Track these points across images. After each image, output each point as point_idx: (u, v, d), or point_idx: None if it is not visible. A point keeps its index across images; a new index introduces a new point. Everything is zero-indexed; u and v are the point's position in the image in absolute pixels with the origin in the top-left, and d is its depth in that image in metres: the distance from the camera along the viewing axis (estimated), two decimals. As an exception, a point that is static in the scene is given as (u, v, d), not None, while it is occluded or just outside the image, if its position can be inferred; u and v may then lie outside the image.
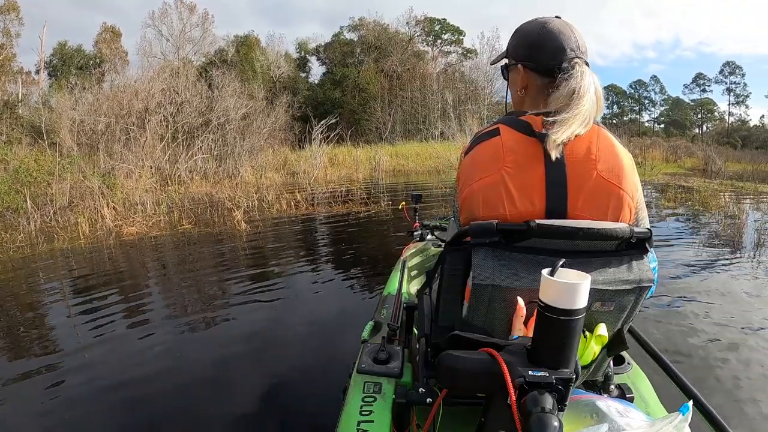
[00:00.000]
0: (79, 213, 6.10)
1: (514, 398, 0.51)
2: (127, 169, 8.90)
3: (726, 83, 38.36)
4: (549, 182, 0.76)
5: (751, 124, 38.00)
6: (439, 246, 2.14)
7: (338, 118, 14.81)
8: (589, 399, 0.67)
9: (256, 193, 8.10)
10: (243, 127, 12.43)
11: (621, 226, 0.74)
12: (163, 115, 11.24)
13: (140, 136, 10.37)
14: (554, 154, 0.74)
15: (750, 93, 38.25)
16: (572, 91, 0.78)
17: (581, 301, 0.51)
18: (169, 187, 8.89)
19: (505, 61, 0.96)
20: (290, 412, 1.89)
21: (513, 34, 0.93)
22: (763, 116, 38.92)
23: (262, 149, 13.08)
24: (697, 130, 37.55)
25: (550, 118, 0.77)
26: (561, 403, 0.52)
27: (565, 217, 0.76)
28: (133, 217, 6.16)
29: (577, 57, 0.83)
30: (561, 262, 0.54)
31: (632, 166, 0.81)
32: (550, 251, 0.75)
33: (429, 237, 2.31)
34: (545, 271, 0.53)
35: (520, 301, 0.73)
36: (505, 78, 0.97)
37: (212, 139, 11.68)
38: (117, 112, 10.51)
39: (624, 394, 0.93)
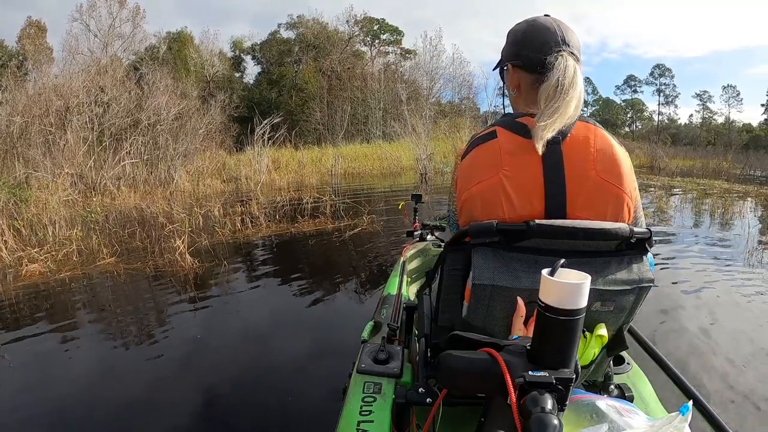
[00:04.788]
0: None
1: (514, 398, 0.51)
2: (44, 179, 7.51)
3: (656, 84, 40.44)
4: (548, 184, 0.76)
5: (681, 122, 40.79)
6: (439, 246, 2.14)
7: (282, 117, 14.07)
8: (589, 399, 0.67)
9: (198, 207, 6.31)
10: (176, 128, 11.17)
11: (621, 226, 0.74)
12: (88, 116, 9.94)
13: (60, 139, 8.88)
14: (540, 148, 0.74)
15: (679, 94, 40.70)
16: (556, 83, 0.77)
17: (581, 302, 0.51)
18: (93, 199, 7.39)
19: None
20: (291, 412, 1.90)
21: (506, 37, 0.94)
22: (691, 115, 41.06)
23: (198, 152, 11.87)
24: (627, 129, 39.59)
25: (536, 116, 0.77)
26: (561, 403, 0.52)
27: (564, 219, 0.76)
28: (38, 247, 4.33)
29: (563, 50, 0.82)
30: (561, 262, 0.54)
31: (630, 166, 0.81)
32: (549, 251, 0.75)
33: (429, 237, 2.31)
34: (545, 272, 0.53)
35: (520, 301, 0.73)
36: (503, 81, 0.98)
37: (142, 142, 10.24)
38: (35, 112, 9.04)
39: (624, 394, 0.93)
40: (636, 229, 0.74)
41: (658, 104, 40.66)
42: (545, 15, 0.89)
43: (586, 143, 0.77)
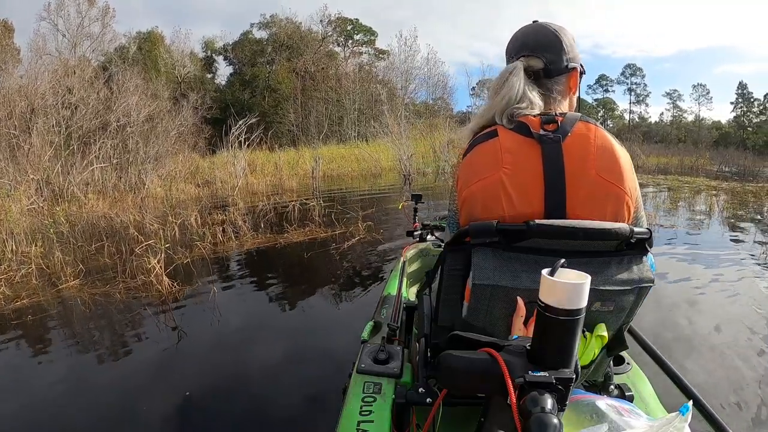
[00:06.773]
0: None
1: (514, 398, 0.51)
2: (6, 186, 6.99)
3: (627, 84, 40.72)
4: (548, 183, 0.76)
5: (651, 120, 41.16)
6: (439, 246, 2.14)
7: (259, 117, 13.44)
8: (589, 399, 0.67)
9: (172, 216, 5.56)
10: (147, 131, 10.61)
11: (621, 225, 0.74)
12: (55, 118, 9.37)
13: (24, 143, 8.32)
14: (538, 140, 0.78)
15: (650, 93, 41.01)
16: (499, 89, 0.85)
17: (581, 302, 0.51)
18: (58, 207, 6.71)
19: None
20: (291, 412, 1.90)
21: None
22: (662, 113, 41.26)
23: (170, 155, 11.16)
24: (599, 128, 40.40)
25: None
26: (561, 404, 0.52)
27: (564, 218, 0.76)
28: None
29: (524, 55, 0.88)
30: (561, 262, 0.54)
31: (631, 165, 0.81)
32: (549, 251, 0.75)
33: (429, 237, 2.31)
34: (545, 271, 0.53)
35: (520, 301, 0.73)
36: None
37: (111, 145, 9.60)
38: (-2, 115, 8.44)
39: (624, 394, 0.93)
40: (636, 229, 0.74)
41: (630, 103, 41.02)
42: (533, 22, 0.94)
43: (586, 142, 0.77)
